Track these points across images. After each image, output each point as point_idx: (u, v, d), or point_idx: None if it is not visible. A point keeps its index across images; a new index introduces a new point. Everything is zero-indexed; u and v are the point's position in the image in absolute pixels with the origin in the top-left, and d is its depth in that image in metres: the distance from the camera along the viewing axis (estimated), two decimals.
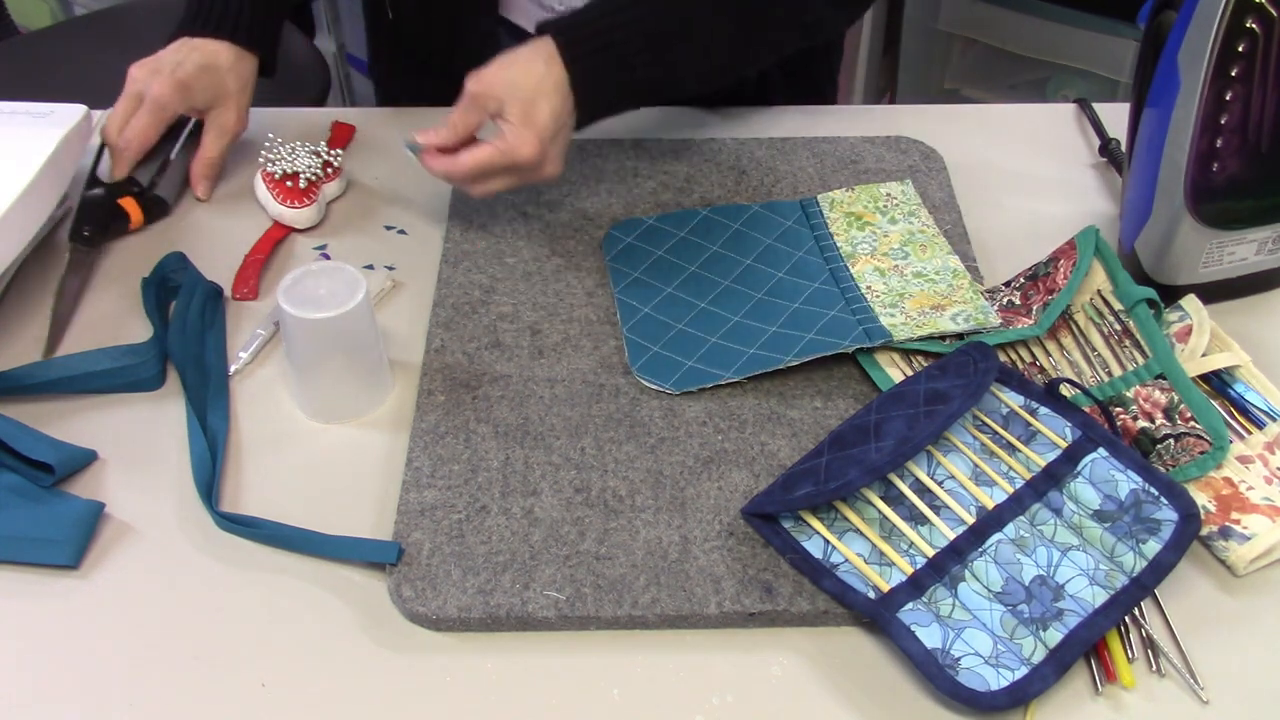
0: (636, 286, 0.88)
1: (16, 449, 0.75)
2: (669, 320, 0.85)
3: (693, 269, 0.90)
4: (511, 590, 0.68)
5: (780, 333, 0.83)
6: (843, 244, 0.90)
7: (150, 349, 0.83)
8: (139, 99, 0.96)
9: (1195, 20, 0.77)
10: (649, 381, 0.80)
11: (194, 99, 0.97)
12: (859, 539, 0.69)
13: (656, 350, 0.83)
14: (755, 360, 0.81)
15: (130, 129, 0.95)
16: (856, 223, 0.92)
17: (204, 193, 0.98)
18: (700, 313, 0.86)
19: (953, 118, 1.08)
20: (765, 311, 0.86)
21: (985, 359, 0.73)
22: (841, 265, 0.88)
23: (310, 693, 0.65)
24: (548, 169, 0.86)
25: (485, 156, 0.85)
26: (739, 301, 0.87)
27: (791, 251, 0.91)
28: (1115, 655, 0.65)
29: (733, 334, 0.84)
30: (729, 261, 0.90)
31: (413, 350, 0.84)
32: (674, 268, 0.90)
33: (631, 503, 0.73)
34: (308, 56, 1.62)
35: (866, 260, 0.88)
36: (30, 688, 0.65)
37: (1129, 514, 0.69)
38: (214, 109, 0.98)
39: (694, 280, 0.89)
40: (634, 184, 0.98)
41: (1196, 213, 0.81)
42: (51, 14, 2.32)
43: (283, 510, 0.73)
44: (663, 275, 0.89)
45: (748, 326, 0.84)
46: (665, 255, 0.91)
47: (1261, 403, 0.77)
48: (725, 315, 0.86)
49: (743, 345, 0.83)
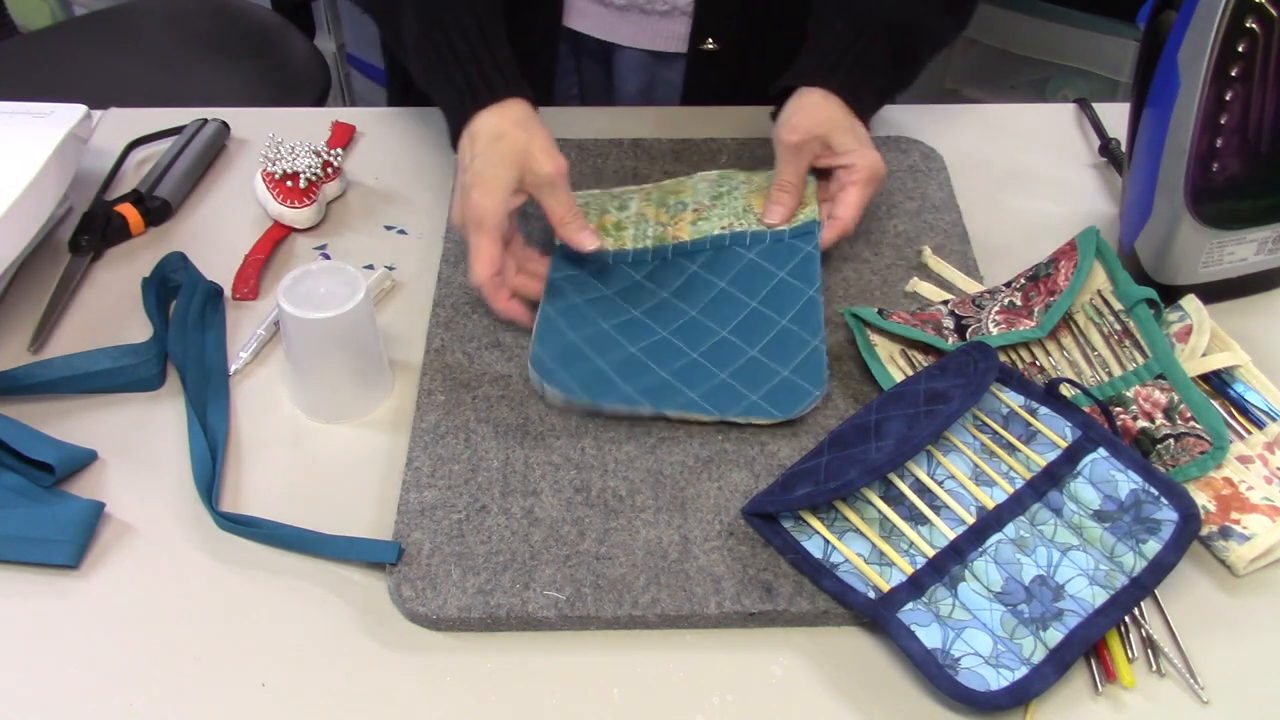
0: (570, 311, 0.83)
1: (16, 449, 0.75)
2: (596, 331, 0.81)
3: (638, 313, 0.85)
4: (511, 590, 0.68)
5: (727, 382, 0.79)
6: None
7: (150, 349, 0.83)
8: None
9: (1195, 20, 0.77)
10: (545, 382, 0.77)
11: (502, 185, 0.83)
12: (859, 539, 0.69)
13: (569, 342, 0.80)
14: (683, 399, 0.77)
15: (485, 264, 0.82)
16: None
17: (589, 242, 0.84)
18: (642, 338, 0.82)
19: (953, 118, 1.08)
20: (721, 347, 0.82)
21: (985, 359, 0.73)
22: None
23: (310, 693, 0.65)
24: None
25: (861, 196, 0.88)
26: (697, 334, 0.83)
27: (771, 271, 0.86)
28: (1115, 655, 0.65)
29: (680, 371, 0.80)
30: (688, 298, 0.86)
31: (413, 350, 0.84)
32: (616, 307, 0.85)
33: (631, 503, 0.73)
34: (308, 56, 1.62)
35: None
36: (30, 688, 0.65)
37: (1129, 514, 0.69)
38: (525, 175, 0.83)
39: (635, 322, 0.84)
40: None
41: (1196, 213, 0.81)
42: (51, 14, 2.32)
43: (283, 510, 0.73)
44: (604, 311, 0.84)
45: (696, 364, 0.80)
46: (613, 296, 0.86)
47: (1261, 403, 0.77)
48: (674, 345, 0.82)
49: (685, 385, 0.78)
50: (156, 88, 1.56)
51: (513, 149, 0.83)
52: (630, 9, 1.06)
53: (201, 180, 1.01)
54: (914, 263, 0.91)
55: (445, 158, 1.01)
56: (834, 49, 0.91)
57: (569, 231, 0.84)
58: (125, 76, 1.58)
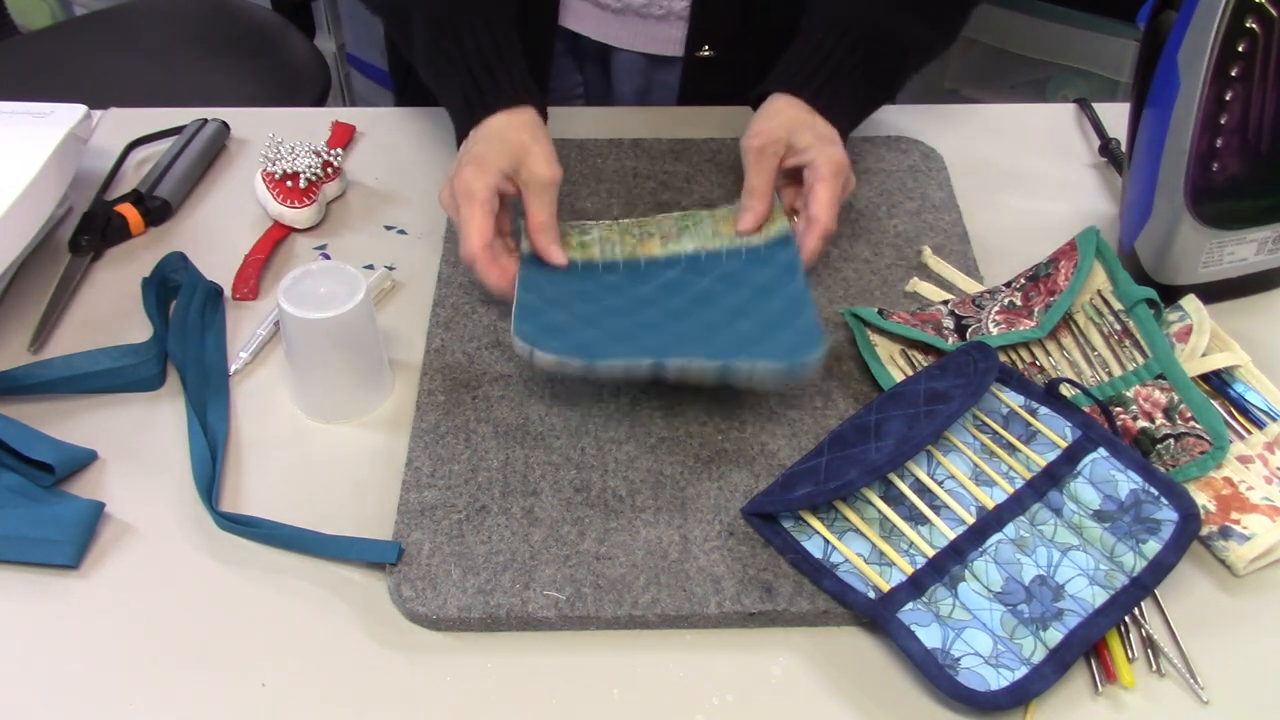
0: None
1: (16, 449, 0.75)
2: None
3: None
4: (511, 590, 0.68)
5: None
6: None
7: (150, 349, 0.83)
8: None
9: (1195, 20, 0.77)
10: (530, 346, 0.73)
11: (494, 170, 0.83)
12: (859, 539, 0.69)
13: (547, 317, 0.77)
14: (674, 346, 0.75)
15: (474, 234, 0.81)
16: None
17: (558, 257, 0.84)
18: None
19: (953, 118, 1.08)
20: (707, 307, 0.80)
21: (985, 359, 0.73)
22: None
23: (310, 693, 0.65)
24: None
25: (829, 191, 0.85)
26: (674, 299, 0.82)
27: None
28: (1115, 655, 0.65)
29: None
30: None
31: (413, 350, 0.84)
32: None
33: (631, 503, 0.73)
34: (308, 56, 1.62)
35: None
36: (30, 688, 0.65)
37: (1129, 514, 0.69)
38: (520, 170, 0.83)
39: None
40: (634, 184, 0.98)
41: (1196, 213, 0.81)
42: (51, 14, 2.32)
43: (283, 510, 0.73)
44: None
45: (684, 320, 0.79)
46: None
47: (1261, 403, 0.77)
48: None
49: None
50: (156, 88, 1.56)
51: (515, 144, 0.83)
52: (626, 11, 1.06)
53: (201, 180, 1.01)
54: (914, 263, 0.91)
55: (446, 158, 1.01)
56: (811, 58, 0.91)
57: (543, 240, 0.84)
58: (125, 76, 1.58)
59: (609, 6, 1.06)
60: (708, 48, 1.07)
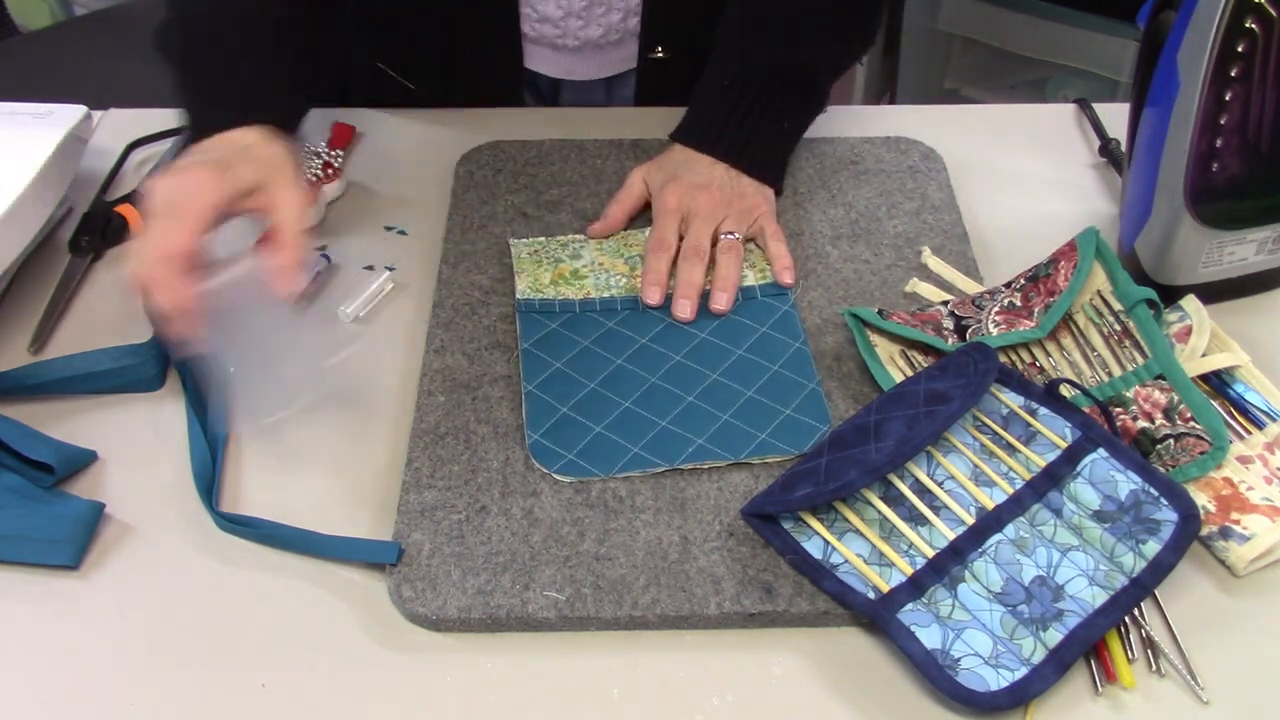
0: (552, 378, 0.80)
1: (16, 449, 0.75)
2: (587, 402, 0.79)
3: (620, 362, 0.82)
4: (511, 591, 0.68)
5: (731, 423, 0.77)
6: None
7: (150, 349, 0.83)
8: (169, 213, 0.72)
9: (1195, 20, 0.77)
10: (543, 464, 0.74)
11: (236, 179, 0.74)
12: (859, 539, 0.69)
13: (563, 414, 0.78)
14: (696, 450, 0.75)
15: (153, 265, 0.70)
16: None
17: (291, 296, 0.75)
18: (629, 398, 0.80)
19: (953, 118, 1.08)
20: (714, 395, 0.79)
21: (985, 359, 0.73)
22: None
23: (310, 693, 0.65)
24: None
25: (770, 227, 0.91)
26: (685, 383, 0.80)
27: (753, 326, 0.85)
28: (1115, 655, 0.65)
29: (675, 420, 0.77)
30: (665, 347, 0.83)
31: (413, 350, 0.84)
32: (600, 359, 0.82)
33: (631, 503, 0.73)
34: None
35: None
36: (30, 688, 0.65)
37: (1129, 514, 0.69)
38: (265, 188, 0.75)
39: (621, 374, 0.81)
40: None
41: (1196, 213, 0.81)
42: (51, 14, 2.32)
43: (283, 510, 0.73)
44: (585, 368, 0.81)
45: (694, 408, 0.78)
46: (592, 346, 0.83)
47: (1261, 403, 0.77)
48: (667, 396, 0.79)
49: (687, 432, 0.76)
50: (156, 88, 1.55)
51: (272, 154, 0.76)
52: (585, 47, 1.06)
53: None
54: (914, 263, 0.91)
55: (446, 158, 1.01)
56: (720, 111, 0.94)
57: (280, 280, 0.73)
58: (125, 76, 1.57)
59: (566, 46, 1.05)
60: (660, 49, 1.06)
